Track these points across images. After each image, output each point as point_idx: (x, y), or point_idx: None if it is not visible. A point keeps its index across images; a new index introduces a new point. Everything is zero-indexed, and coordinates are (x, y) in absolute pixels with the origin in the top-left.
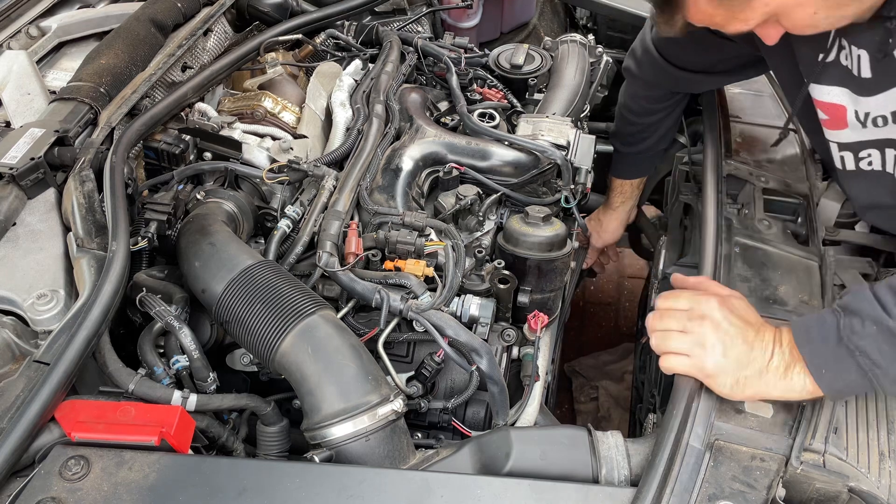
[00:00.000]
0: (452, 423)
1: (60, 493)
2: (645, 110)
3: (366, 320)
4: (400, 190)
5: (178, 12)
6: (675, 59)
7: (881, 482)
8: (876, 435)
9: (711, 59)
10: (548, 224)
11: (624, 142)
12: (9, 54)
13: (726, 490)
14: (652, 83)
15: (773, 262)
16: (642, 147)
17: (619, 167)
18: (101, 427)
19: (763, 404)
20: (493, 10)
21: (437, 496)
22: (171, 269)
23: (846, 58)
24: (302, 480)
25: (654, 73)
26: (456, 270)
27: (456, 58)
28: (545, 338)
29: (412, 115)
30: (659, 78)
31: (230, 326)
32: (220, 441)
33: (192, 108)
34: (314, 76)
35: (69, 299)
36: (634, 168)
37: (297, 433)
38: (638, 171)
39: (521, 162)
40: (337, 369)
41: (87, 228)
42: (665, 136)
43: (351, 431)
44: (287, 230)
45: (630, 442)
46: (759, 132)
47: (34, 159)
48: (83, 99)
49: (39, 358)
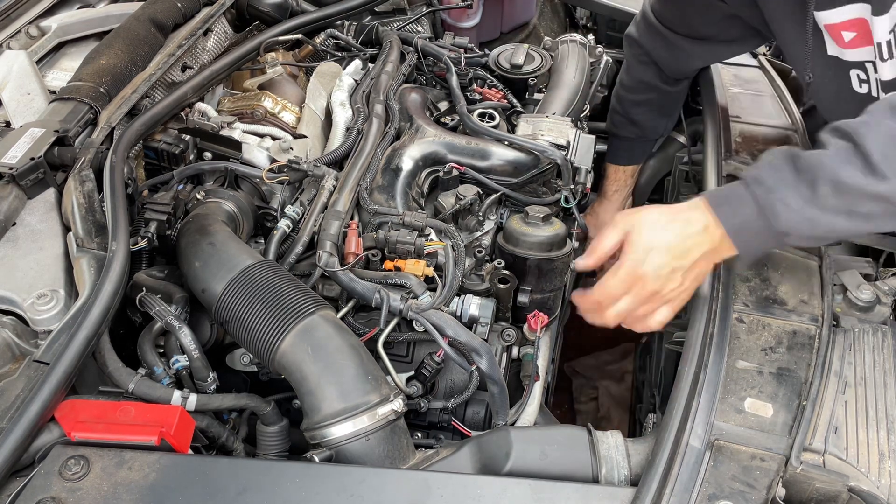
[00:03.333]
0: (452, 423)
1: (60, 493)
2: (636, 85)
3: (366, 320)
4: (400, 190)
5: (178, 12)
6: (671, 23)
7: (881, 482)
8: (876, 435)
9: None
10: (548, 224)
11: (615, 123)
12: (9, 54)
13: (726, 490)
14: (649, 51)
15: (773, 262)
16: (634, 131)
17: (612, 152)
18: (101, 427)
19: (763, 404)
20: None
21: (437, 496)
22: (171, 269)
23: None
24: (302, 480)
25: (649, 37)
26: (456, 270)
27: (456, 58)
28: (545, 338)
29: (412, 114)
30: (654, 42)
31: (230, 326)
32: (220, 441)
33: (192, 108)
34: (314, 76)
35: (69, 299)
36: (627, 154)
37: (297, 433)
38: (630, 158)
39: (520, 162)
40: (337, 369)
41: (87, 228)
42: (654, 128)
43: (351, 431)
44: (287, 230)
45: (630, 442)
46: (759, 132)
47: (34, 159)
48: (83, 99)
49: (39, 358)
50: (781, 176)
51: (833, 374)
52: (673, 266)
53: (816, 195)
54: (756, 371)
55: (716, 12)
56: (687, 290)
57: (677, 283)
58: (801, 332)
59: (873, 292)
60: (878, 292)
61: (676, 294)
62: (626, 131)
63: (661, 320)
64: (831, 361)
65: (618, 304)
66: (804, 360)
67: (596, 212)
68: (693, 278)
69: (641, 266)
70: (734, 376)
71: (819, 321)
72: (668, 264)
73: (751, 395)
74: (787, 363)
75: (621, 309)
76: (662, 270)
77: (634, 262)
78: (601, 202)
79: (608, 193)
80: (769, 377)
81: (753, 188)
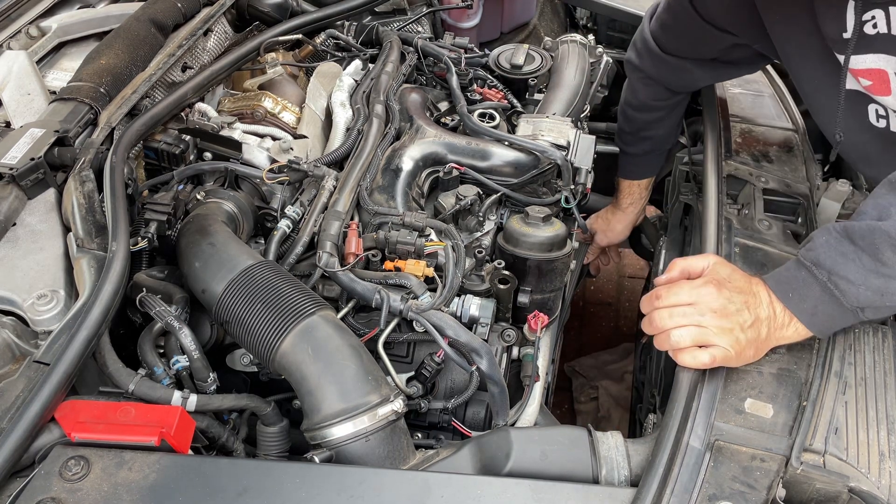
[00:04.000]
0: (452, 424)
1: (60, 494)
2: (644, 105)
3: (366, 320)
4: (400, 190)
5: (178, 12)
6: (676, 49)
7: (881, 482)
8: (876, 435)
9: (716, 50)
10: (548, 224)
11: (626, 141)
12: (9, 54)
13: (726, 490)
14: (652, 76)
15: (773, 262)
16: (645, 147)
17: (624, 168)
18: (101, 427)
19: (763, 405)
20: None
21: (437, 496)
22: (171, 269)
23: (877, 22)
24: (302, 480)
25: (652, 63)
26: (456, 271)
27: (456, 58)
28: (545, 338)
29: (412, 115)
30: (658, 68)
31: (230, 327)
32: (220, 441)
33: (192, 108)
34: (314, 76)
35: (69, 299)
36: (639, 169)
37: (297, 433)
38: (643, 172)
39: (521, 162)
40: (337, 369)
41: (87, 228)
42: (666, 138)
43: (351, 432)
44: (287, 230)
45: (630, 442)
46: (759, 132)
47: (34, 159)
48: (83, 99)
49: (39, 358)
50: (840, 251)
51: (833, 374)
52: (743, 301)
53: (880, 263)
54: (756, 371)
55: (725, 41)
56: (738, 345)
57: (738, 318)
58: None
59: None
60: None
61: (728, 335)
62: (637, 148)
63: (703, 360)
64: (831, 362)
65: (679, 309)
66: (804, 361)
67: (608, 219)
68: (750, 336)
69: (720, 274)
70: (734, 376)
71: None
72: (741, 299)
73: (751, 396)
74: (788, 363)
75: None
76: (735, 297)
77: (716, 271)
78: (615, 213)
79: (623, 206)
80: (769, 377)
81: (814, 272)
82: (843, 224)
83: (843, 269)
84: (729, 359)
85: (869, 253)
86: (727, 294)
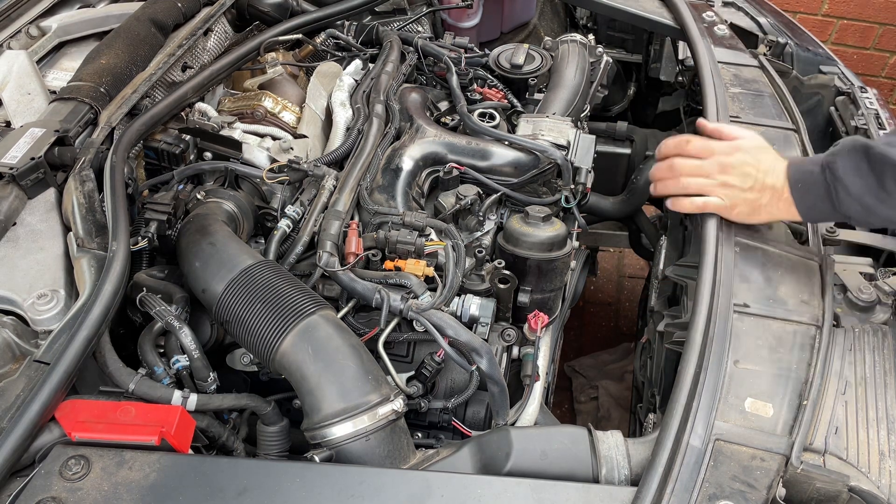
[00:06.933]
0: (452, 423)
1: (60, 493)
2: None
3: (366, 320)
4: (400, 190)
5: (179, 12)
6: None
7: (881, 482)
8: (876, 435)
9: None
10: (548, 224)
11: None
12: (9, 54)
13: (726, 490)
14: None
15: (773, 262)
16: None
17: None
18: (101, 427)
19: (763, 404)
20: (493, 10)
21: (438, 496)
22: (171, 269)
23: None
24: (302, 480)
25: None
26: (456, 270)
27: (456, 58)
28: (545, 338)
29: (412, 114)
30: None
31: (230, 326)
32: (221, 441)
33: (192, 108)
34: (314, 76)
35: (69, 299)
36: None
37: (297, 433)
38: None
39: (521, 162)
40: (337, 369)
41: (88, 228)
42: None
43: (351, 431)
44: (287, 230)
45: (630, 441)
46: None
47: (34, 159)
48: (83, 99)
49: (39, 358)
50: (854, 164)
51: (833, 374)
52: (757, 168)
53: (881, 188)
54: (756, 371)
55: None
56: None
57: (744, 181)
58: (801, 332)
59: (874, 292)
60: (878, 292)
61: (730, 183)
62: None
63: (699, 204)
64: (832, 361)
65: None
66: (805, 360)
67: None
68: (749, 197)
69: (753, 142)
70: (734, 376)
71: (819, 321)
72: (752, 163)
73: (751, 395)
74: (788, 363)
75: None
76: (749, 160)
77: (751, 139)
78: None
79: None
80: (769, 377)
81: (826, 174)
82: (868, 143)
83: (848, 180)
84: (721, 208)
85: (876, 175)
86: (745, 157)
